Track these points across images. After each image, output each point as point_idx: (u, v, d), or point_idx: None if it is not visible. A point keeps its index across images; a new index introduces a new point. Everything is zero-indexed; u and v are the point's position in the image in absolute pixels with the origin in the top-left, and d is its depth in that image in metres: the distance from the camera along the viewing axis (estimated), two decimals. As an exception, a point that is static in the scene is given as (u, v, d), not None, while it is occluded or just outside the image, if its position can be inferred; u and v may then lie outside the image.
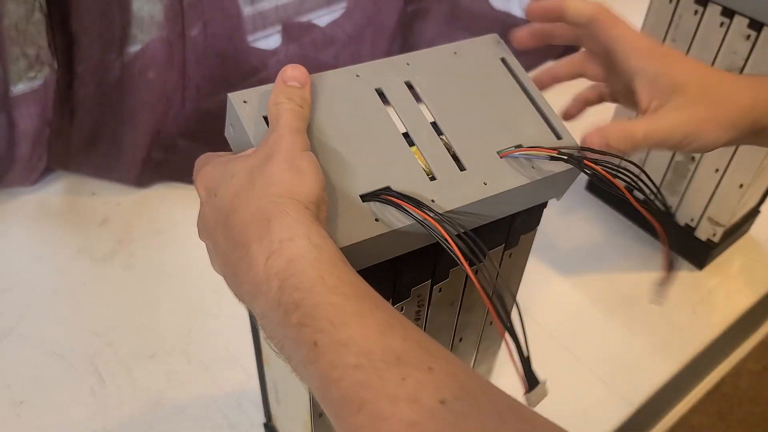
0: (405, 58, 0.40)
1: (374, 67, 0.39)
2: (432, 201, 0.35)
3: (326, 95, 0.37)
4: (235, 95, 0.36)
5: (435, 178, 0.36)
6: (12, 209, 0.86)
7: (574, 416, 0.68)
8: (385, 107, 0.38)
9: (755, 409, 1.29)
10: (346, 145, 0.35)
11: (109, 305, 0.76)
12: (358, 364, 0.27)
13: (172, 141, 0.93)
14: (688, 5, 0.70)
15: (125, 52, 0.84)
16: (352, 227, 0.33)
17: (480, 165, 0.37)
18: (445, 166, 0.37)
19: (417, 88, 0.39)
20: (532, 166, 0.38)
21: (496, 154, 0.38)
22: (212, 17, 0.88)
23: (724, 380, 1.26)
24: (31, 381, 0.68)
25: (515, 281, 0.48)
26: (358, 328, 0.27)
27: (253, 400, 0.67)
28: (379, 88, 0.39)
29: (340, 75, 0.38)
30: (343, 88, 0.37)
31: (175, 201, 0.89)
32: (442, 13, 1.17)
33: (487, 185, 0.36)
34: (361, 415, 0.26)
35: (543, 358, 0.73)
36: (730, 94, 0.40)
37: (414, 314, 0.41)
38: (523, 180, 0.37)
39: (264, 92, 0.36)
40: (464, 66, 0.41)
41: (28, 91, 0.85)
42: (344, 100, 0.37)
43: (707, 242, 0.81)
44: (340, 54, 1.03)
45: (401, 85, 0.39)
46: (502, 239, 0.42)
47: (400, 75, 0.39)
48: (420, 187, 0.35)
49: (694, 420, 1.24)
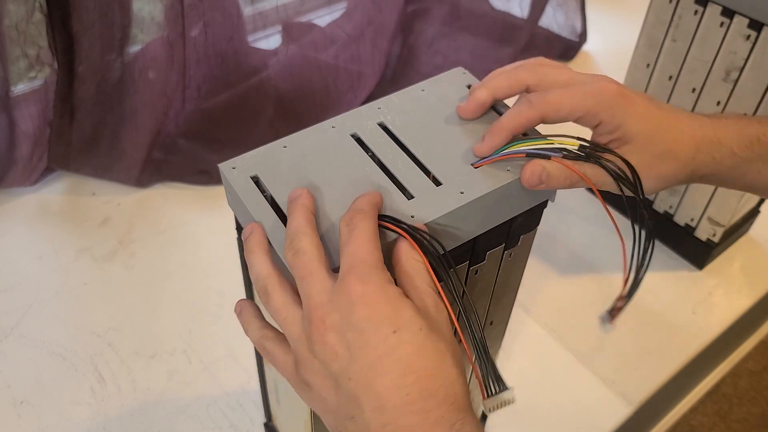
0: (376, 104, 0.44)
1: (348, 117, 0.43)
2: (411, 216, 0.37)
3: (305, 149, 0.41)
4: (225, 165, 0.40)
5: (413, 196, 0.38)
6: (13, 209, 0.87)
7: (574, 416, 0.68)
8: (360, 147, 0.41)
9: (755, 409, 1.29)
10: (327, 186, 0.39)
11: (110, 305, 0.76)
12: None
13: (173, 141, 0.94)
14: (688, 5, 0.70)
15: (126, 52, 0.84)
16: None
17: (455, 178, 0.39)
18: (421, 185, 0.39)
19: (389, 126, 0.42)
20: (508, 169, 0.39)
21: (470, 167, 0.40)
22: (212, 17, 0.88)
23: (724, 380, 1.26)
24: (32, 381, 0.68)
25: (516, 280, 0.49)
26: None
27: (253, 399, 0.67)
28: (354, 133, 0.42)
29: (317, 130, 0.42)
30: (320, 140, 0.41)
31: (176, 201, 0.89)
32: (443, 13, 1.17)
33: (464, 193, 0.38)
34: None
35: (543, 358, 0.73)
36: (673, 147, 0.42)
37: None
38: (498, 183, 0.39)
39: (251, 156, 0.40)
40: (432, 99, 0.44)
41: (29, 92, 0.85)
42: (322, 150, 0.41)
43: (707, 242, 0.81)
44: (340, 54, 1.03)
45: (374, 127, 0.42)
46: (503, 239, 0.42)
47: (373, 118, 0.43)
48: (399, 207, 0.37)
49: (694, 420, 1.24)
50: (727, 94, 0.71)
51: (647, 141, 0.41)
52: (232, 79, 0.96)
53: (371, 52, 1.04)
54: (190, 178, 0.92)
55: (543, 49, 1.18)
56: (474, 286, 0.44)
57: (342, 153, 0.41)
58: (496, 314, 0.50)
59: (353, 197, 0.36)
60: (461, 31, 1.18)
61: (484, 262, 0.42)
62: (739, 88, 0.70)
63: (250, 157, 0.40)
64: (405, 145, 0.41)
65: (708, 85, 0.72)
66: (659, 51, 0.75)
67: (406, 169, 0.40)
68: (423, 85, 0.45)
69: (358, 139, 0.42)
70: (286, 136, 0.42)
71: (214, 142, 0.95)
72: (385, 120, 0.43)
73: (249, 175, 0.39)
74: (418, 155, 0.41)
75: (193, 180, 0.92)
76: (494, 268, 0.44)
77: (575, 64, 1.19)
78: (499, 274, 0.45)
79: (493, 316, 0.50)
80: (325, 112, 1.02)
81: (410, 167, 0.40)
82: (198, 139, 0.95)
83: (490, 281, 0.45)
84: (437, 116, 0.43)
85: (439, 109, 0.43)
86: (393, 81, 1.09)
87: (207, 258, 0.81)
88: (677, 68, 0.74)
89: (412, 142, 0.41)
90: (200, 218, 0.87)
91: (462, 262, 0.41)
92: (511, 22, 1.18)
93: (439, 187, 0.39)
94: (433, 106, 0.44)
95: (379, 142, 0.41)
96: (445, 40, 1.16)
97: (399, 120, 0.43)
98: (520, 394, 0.33)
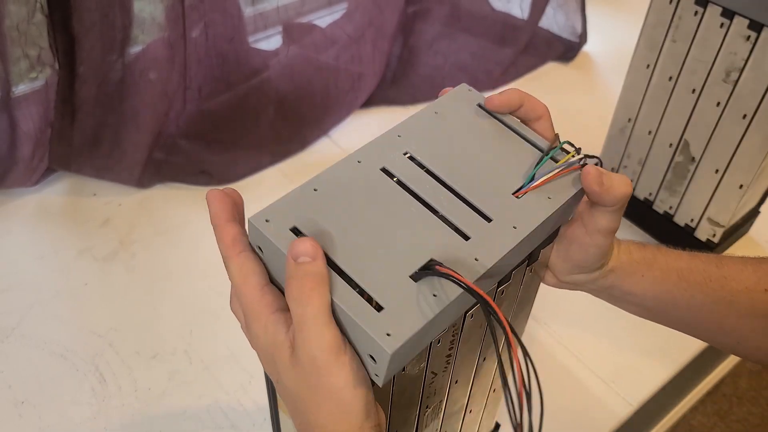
0: (394, 131, 0.41)
1: (371, 149, 0.40)
2: (476, 260, 0.35)
3: (338, 190, 0.37)
4: (256, 217, 0.35)
5: (468, 237, 0.37)
6: (13, 210, 0.87)
7: (574, 416, 0.68)
8: (397, 184, 0.39)
9: (755, 409, 1.29)
10: (375, 232, 0.36)
11: (111, 305, 0.76)
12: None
13: (174, 142, 0.94)
14: (688, 6, 0.70)
15: (126, 53, 0.85)
16: (415, 310, 0.33)
17: (503, 211, 0.38)
18: (473, 223, 0.37)
19: (417, 156, 0.40)
20: (548, 197, 0.39)
21: (512, 197, 0.39)
22: (213, 18, 0.89)
23: (724, 380, 1.26)
24: (33, 381, 0.68)
25: (533, 293, 0.49)
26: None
27: (254, 399, 0.68)
28: (383, 167, 0.39)
29: (343, 166, 0.39)
30: (351, 178, 0.38)
31: (177, 201, 0.90)
32: (443, 14, 1.17)
33: (517, 228, 0.37)
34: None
35: (543, 358, 0.73)
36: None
37: (448, 344, 0.41)
38: (546, 213, 0.38)
39: (283, 205, 0.36)
40: (449, 122, 0.43)
41: (30, 92, 0.85)
42: (357, 190, 0.38)
43: (707, 242, 0.81)
44: (341, 55, 1.03)
45: (403, 158, 0.40)
46: (526, 258, 0.43)
47: (397, 149, 0.41)
48: (459, 250, 0.36)
49: (694, 420, 1.24)
50: (727, 95, 0.71)
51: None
52: (232, 80, 0.96)
53: (372, 53, 1.04)
54: (191, 178, 0.92)
55: (543, 50, 1.19)
56: (500, 305, 0.43)
57: (380, 193, 0.38)
58: (515, 327, 0.50)
59: (408, 244, 0.35)
60: (461, 32, 1.18)
61: (510, 281, 0.42)
62: (739, 89, 0.70)
63: (282, 205, 0.36)
64: (440, 178, 0.39)
65: (708, 86, 0.73)
66: (659, 52, 0.75)
67: (451, 206, 0.38)
68: (435, 107, 0.43)
69: (390, 174, 0.39)
70: (313, 177, 0.38)
71: (215, 142, 0.95)
72: (411, 150, 0.40)
73: (288, 227, 0.35)
74: (457, 188, 0.39)
75: (194, 180, 0.92)
76: (518, 285, 0.44)
77: (575, 66, 1.19)
78: (521, 290, 0.45)
79: None
80: (326, 112, 1.02)
81: (455, 203, 0.38)
82: (199, 140, 0.95)
83: (513, 298, 0.45)
84: (460, 143, 0.41)
85: (460, 134, 0.42)
86: (393, 82, 1.10)
87: (208, 258, 0.82)
88: (677, 69, 0.74)
89: (446, 173, 0.39)
90: (201, 219, 0.87)
91: (491, 285, 0.40)
92: (511, 23, 1.18)
93: (490, 224, 0.37)
94: (454, 131, 0.42)
95: (413, 177, 0.39)
96: (446, 41, 1.16)
97: (425, 149, 0.41)
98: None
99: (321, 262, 0.33)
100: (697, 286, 0.44)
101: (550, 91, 1.11)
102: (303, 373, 0.33)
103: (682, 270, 0.44)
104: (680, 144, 0.78)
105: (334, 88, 1.03)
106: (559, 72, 1.18)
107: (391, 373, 0.33)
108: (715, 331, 0.46)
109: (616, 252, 0.44)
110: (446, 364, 0.42)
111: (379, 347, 0.31)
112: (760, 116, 0.69)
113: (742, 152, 0.73)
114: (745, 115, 0.71)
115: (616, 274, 0.45)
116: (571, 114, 1.01)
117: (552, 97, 0.47)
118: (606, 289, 0.46)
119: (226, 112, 0.97)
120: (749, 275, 0.45)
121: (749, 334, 0.45)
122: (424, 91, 1.08)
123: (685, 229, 0.83)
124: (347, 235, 0.35)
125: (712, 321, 0.45)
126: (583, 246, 0.42)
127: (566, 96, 1.10)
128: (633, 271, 0.45)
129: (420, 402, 0.43)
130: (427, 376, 0.40)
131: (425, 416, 0.45)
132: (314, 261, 0.33)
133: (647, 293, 0.45)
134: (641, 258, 0.45)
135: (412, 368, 0.38)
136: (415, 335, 0.32)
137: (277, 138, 0.97)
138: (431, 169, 0.40)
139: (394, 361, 0.32)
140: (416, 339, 0.32)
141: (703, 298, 0.44)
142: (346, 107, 1.04)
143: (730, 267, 0.45)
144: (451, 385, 0.46)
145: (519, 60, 1.16)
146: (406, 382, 0.39)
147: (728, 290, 0.44)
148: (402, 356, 0.33)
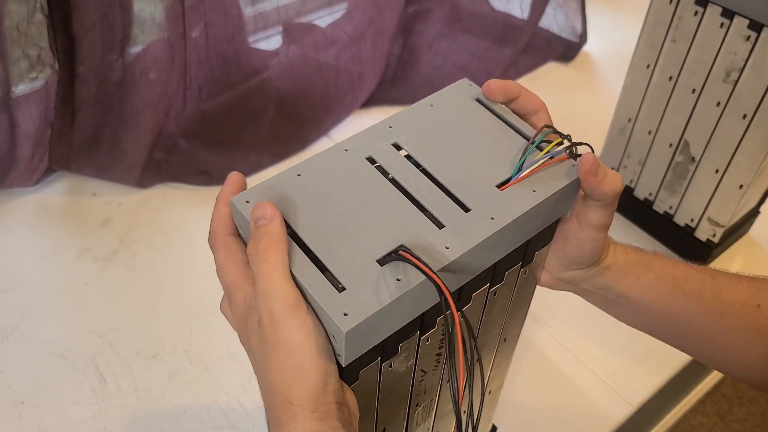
0: (387, 122, 0.42)
1: (360, 138, 0.41)
2: (446, 248, 0.35)
3: (321, 176, 0.38)
4: (237, 198, 0.37)
5: (443, 225, 0.37)
6: (13, 209, 0.87)
7: (574, 416, 0.68)
8: (379, 172, 0.39)
9: (755, 409, 1.29)
10: (350, 216, 0.37)
11: (111, 305, 0.76)
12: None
13: (174, 141, 0.94)
14: (688, 6, 0.70)
15: (126, 52, 0.85)
16: (375, 292, 0.33)
17: (483, 202, 0.38)
18: (449, 212, 0.37)
19: (404, 146, 0.41)
20: (534, 190, 0.38)
21: (496, 189, 0.39)
22: (213, 18, 0.89)
23: (724, 380, 1.26)
24: (33, 381, 0.68)
25: (529, 295, 0.48)
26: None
27: (254, 399, 0.68)
28: (369, 156, 0.40)
29: (330, 154, 0.40)
30: (335, 166, 0.39)
31: (177, 201, 0.90)
32: (443, 14, 1.17)
33: (495, 219, 0.37)
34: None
35: (543, 358, 0.73)
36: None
37: (438, 342, 0.41)
38: (527, 205, 0.38)
39: (265, 187, 0.38)
40: (443, 115, 0.43)
41: (30, 92, 0.85)
42: (340, 176, 0.39)
43: (707, 242, 0.81)
44: (341, 55, 1.03)
45: (389, 148, 0.40)
46: (520, 258, 0.42)
47: (386, 139, 0.41)
48: (431, 238, 0.36)
49: (694, 420, 1.24)
50: (727, 95, 0.71)
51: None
52: (232, 80, 0.96)
53: (372, 52, 1.04)
54: (191, 178, 0.92)
55: (543, 50, 1.19)
56: (492, 307, 0.43)
57: (361, 180, 0.38)
58: (510, 330, 0.49)
59: (381, 229, 0.35)
60: (461, 32, 1.18)
61: (503, 282, 0.42)
62: (739, 89, 0.70)
63: (264, 188, 0.37)
64: (424, 167, 0.40)
65: (708, 86, 0.73)
66: (659, 52, 0.75)
67: (431, 195, 0.38)
68: (431, 100, 0.44)
69: (375, 163, 0.40)
70: (299, 163, 0.39)
71: (215, 142, 0.95)
72: (399, 140, 0.41)
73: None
74: (440, 178, 0.39)
75: (194, 180, 0.92)
76: (511, 286, 0.44)
77: (575, 66, 1.19)
78: (515, 292, 0.45)
79: (506, 333, 0.49)
80: (326, 112, 1.02)
81: (435, 193, 0.38)
82: (199, 140, 0.95)
83: (507, 299, 0.45)
84: (452, 134, 0.41)
85: (453, 126, 0.42)
86: (393, 82, 1.10)
87: (208, 258, 0.81)
88: (677, 69, 0.74)
89: (431, 164, 0.40)
90: (201, 218, 0.87)
91: (483, 285, 0.40)
92: (511, 23, 1.18)
93: (468, 213, 0.37)
94: (446, 123, 0.42)
95: (397, 166, 0.39)
96: (446, 41, 1.16)
97: (414, 140, 0.41)
98: (520, 394, 0.33)
99: (278, 222, 0.34)
100: (691, 294, 0.44)
101: (550, 91, 1.11)
102: (263, 331, 0.34)
103: (677, 277, 0.44)
104: (680, 144, 0.78)
105: (334, 88, 1.03)
106: (559, 72, 1.18)
107: (352, 354, 0.34)
108: (705, 344, 0.46)
109: (613, 251, 0.44)
110: (436, 363, 0.42)
111: (335, 326, 0.32)
112: (760, 116, 0.69)
113: (742, 152, 0.73)
114: (745, 115, 0.71)
115: (612, 272, 0.44)
116: (571, 114, 1.00)
117: (552, 97, 0.47)
118: (600, 289, 0.45)
119: (226, 112, 0.97)
120: (743, 289, 0.45)
121: (739, 348, 0.45)
122: (424, 91, 1.08)
123: (685, 229, 0.83)
124: (322, 217, 0.36)
125: (703, 333, 0.45)
126: (578, 240, 0.42)
127: (566, 96, 1.10)
128: (629, 272, 0.44)
129: (410, 400, 0.43)
130: (416, 374, 0.40)
131: (416, 414, 0.45)
132: (271, 222, 0.34)
133: (641, 297, 0.45)
134: (638, 260, 0.45)
135: (399, 365, 0.38)
136: (372, 316, 0.32)
137: (277, 138, 0.97)
138: (416, 158, 0.40)
139: (351, 340, 0.32)
140: (375, 321, 0.33)
141: (696, 308, 0.44)
142: (346, 107, 1.04)
143: (725, 280, 0.45)
144: (443, 385, 0.46)
145: (519, 60, 1.16)
146: (393, 379, 0.39)
147: (721, 301, 0.44)
148: (361, 337, 0.33)
